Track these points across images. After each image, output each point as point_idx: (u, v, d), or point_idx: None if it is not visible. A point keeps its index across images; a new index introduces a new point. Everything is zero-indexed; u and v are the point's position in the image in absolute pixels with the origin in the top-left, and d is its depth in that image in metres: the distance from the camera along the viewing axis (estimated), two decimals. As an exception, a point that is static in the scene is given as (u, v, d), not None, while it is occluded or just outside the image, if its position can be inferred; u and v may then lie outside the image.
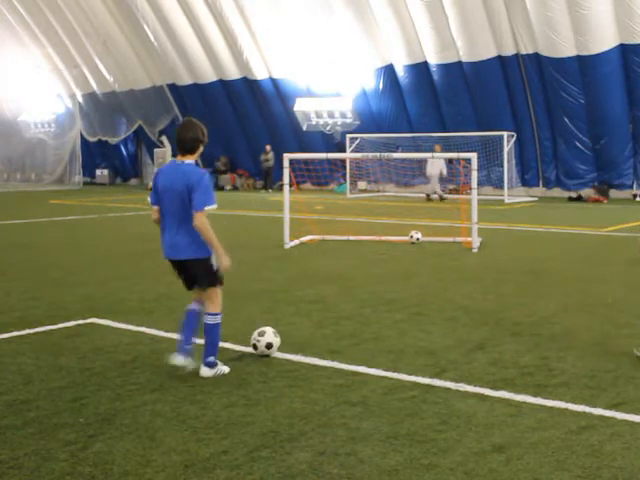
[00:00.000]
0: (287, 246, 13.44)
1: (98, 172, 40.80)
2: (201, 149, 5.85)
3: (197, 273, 5.93)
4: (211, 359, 5.86)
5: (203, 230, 5.68)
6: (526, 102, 27.23)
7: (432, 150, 25.20)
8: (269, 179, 32.99)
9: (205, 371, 5.84)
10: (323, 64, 30.53)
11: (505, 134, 26.02)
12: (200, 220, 5.65)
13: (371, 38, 28.64)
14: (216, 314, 5.94)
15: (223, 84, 33.62)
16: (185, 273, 6.02)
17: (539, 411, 5.03)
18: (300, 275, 10.67)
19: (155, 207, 5.95)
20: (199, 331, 6.02)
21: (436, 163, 25.83)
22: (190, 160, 5.79)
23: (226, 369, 5.94)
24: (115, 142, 39.63)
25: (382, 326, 7.48)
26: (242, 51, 31.93)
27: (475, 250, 13.01)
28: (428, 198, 26.41)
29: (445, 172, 26.14)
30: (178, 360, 5.86)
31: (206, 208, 5.66)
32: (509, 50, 26.43)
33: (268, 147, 32.70)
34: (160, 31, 33.32)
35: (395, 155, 22.11)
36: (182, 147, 5.78)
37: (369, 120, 30.38)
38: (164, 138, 36.43)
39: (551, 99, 26.38)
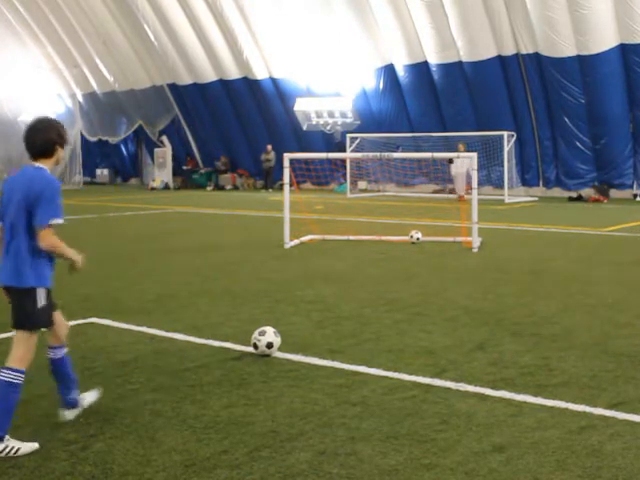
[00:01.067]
0: (287, 246, 13.44)
1: (98, 172, 40.81)
2: (59, 152, 4.75)
3: (14, 306, 4.60)
4: None
5: (54, 249, 4.58)
6: (526, 102, 27.23)
7: (455, 150, 25.02)
8: (270, 179, 33.00)
9: None
10: (323, 64, 30.53)
11: (505, 134, 26.00)
12: (47, 239, 4.50)
13: (371, 38, 28.64)
14: (17, 371, 4.44)
15: (223, 84, 33.63)
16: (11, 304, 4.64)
17: (539, 411, 5.03)
18: (300, 275, 10.67)
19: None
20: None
21: (464, 162, 25.58)
22: (43, 165, 4.67)
23: (22, 448, 4.35)
24: (115, 142, 39.63)
25: (382, 326, 7.48)
26: (242, 51, 31.95)
27: (475, 250, 13.01)
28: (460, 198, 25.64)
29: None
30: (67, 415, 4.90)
31: (52, 222, 4.49)
32: (509, 50, 26.43)
33: (269, 147, 32.69)
34: (160, 31, 33.33)
35: (395, 155, 22.09)
36: (31, 150, 4.68)
37: (369, 120, 30.38)
38: (164, 138, 36.47)
39: (551, 99, 26.39)
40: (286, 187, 14.21)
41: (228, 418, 4.92)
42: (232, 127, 34.71)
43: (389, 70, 29.16)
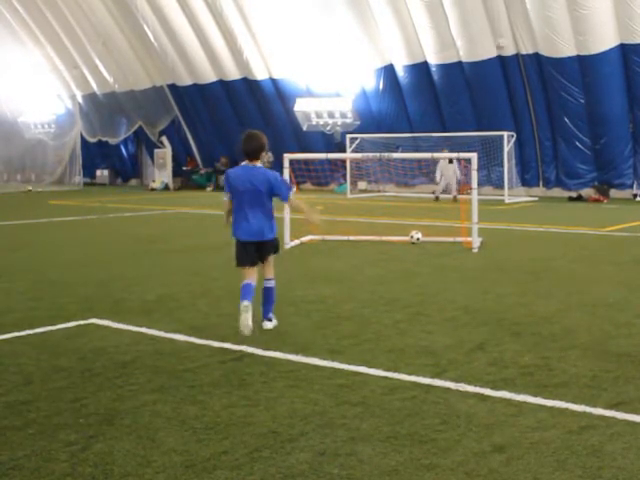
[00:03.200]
0: (287, 246, 13.44)
1: (98, 173, 40.80)
2: (264, 155, 7.40)
3: (269, 249, 7.36)
4: (272, 314, 7.40)
5: (296, 208, 7.80)
6: (526, 102, 27.23)
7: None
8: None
9: (269, 324, 7.31)
10: (323, 64, 30.54)
11: (505, 134, 26.00)
12: (292, 202, 7.43)
13: (371, 38, 28.64)
14: (274, 279, 7.43)
15: (223, 84, 33.63)
16: (260, 251, 7.31)
17: (539, 411, 5.03)
18: (300, 275, 10.67)
19: (227, 200, 7.40)
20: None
21: (455, 164, 25.72)
22: (259, 164, 7.31)
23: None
24: (115, 143, 39.62)
25: (382, 326, 7.48)
26: (242, 51, 31.94)
27: (475, 250, 13.01)
28: (444, 198, 25.79)
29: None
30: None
31: (292, 193, 7.33)
32: (509, 50, 26.43)
33: None
34: (160, 31, 33.33)
35: (395, 155, 22.09)
36: (249, 154, 7.27)
37: (369, 120, 30.38)
38: (164, 138, 36.46)
39: (551, 99, 26.39)
40: (286, 187, 14.19)
41: (228, 419, 4.92)
42: (232, 127, 34.69)
43: (389, 70, 29.16)
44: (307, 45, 30.24)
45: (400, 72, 28.90)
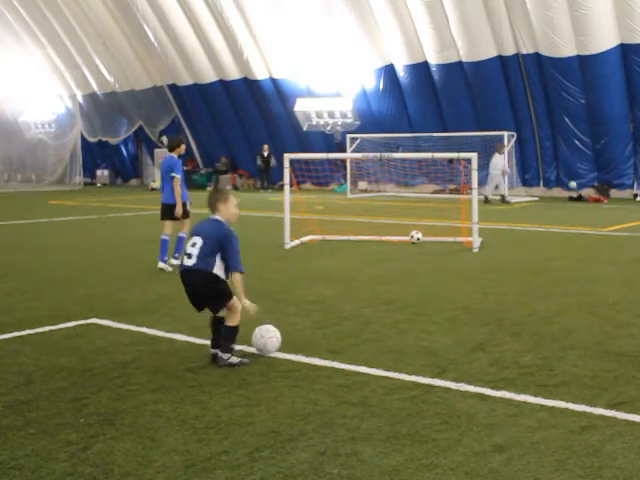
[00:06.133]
0: (287, 246, 13.44)
1: (98, 172, 40.80)
2: (179, 149, 11.34)
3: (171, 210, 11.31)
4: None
5: (176, 189, 11.21)
6: (526, 102, 27.23)
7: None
8: (268, 178, 33.01)
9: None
10: (323, 64, 30.53)
11: (505, 134, 25.99)
12: (175, 184, 11.20)
13: (371, 38, 28.63)
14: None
15: (223, 84, 33.63)
16: (168, 211, 11.40)
17: (540, 411, 5.03)
18: (300, 275, 10.67)
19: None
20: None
21: (498, 163, 24.32)
22: (173, 154, 11.29)
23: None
24: (115, 142, 39.61)
25: (382, 326, 7.48)
26: (242, 51, 31.94)
27: (475, 250, 13.01)
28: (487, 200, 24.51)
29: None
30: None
31: (176, 176, 11.17)
32: (509, 50, 26.43)
33: (266, 146, 32.73)
34: (160, 31, 33.33)
35: (395, 155, 22.08)
36: (168, 147, 11.45)
37: (369, 120, 30.38)
38: (164, 138, 36.43)
39: (551, 99, 26.39)
40: (286, 187, 14.21)
41: (229, 418, 4.92)
42: (232, 127, 34.71)
43: (389, 70, 29.15)
44: (307, 45, 30.23)
45: (400, 72, 28.90)
